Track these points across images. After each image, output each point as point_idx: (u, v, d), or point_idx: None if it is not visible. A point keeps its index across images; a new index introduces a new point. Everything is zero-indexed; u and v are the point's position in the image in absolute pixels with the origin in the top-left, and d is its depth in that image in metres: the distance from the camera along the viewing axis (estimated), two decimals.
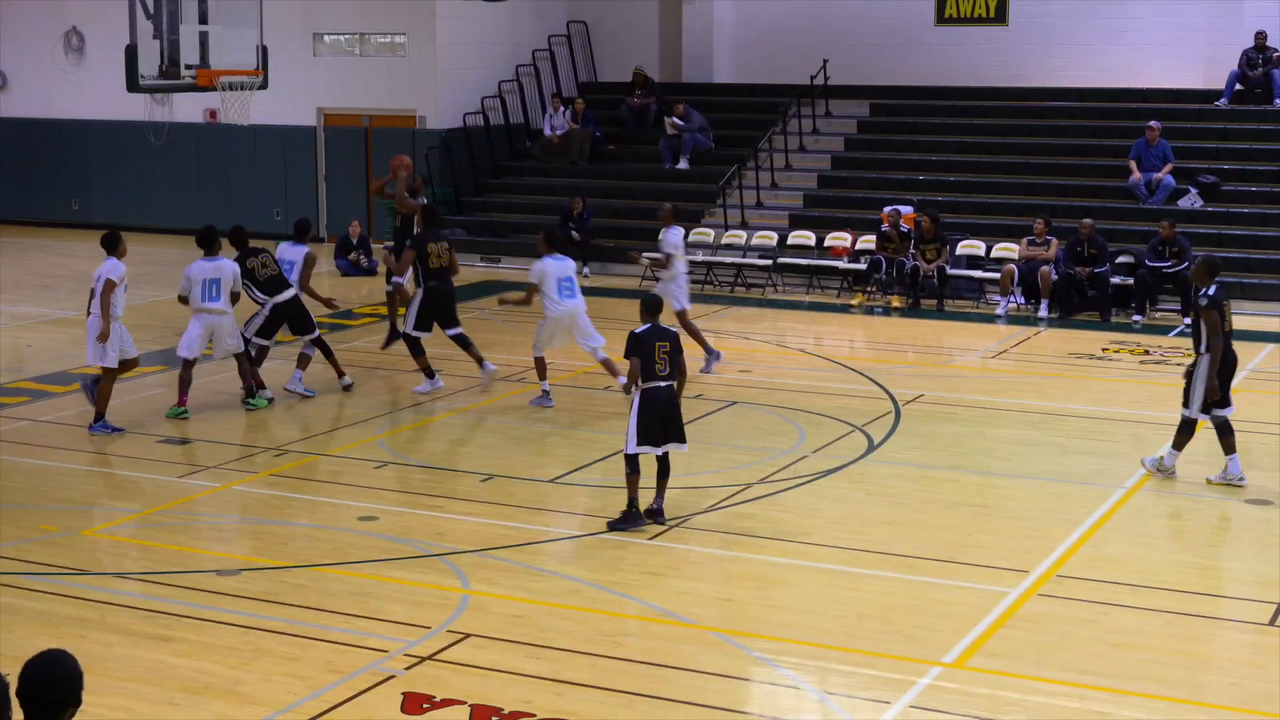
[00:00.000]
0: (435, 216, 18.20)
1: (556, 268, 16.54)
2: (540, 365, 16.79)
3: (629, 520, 12.49)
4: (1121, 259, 23.30)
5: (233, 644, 10.07)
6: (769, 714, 9.36)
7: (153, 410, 16.59)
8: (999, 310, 23.08)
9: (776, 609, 10.98)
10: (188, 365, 16.47)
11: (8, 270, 27.20)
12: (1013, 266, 23.32)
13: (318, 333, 17.36)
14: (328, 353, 17.48)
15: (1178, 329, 21.68)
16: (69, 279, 25.76)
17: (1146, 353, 20.08)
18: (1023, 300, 23.27)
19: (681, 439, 12.63)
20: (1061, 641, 10.24)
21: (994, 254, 24.20)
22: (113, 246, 15.84)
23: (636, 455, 12.47)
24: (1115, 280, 22.93)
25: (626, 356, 12.56)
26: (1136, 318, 22.38)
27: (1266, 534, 12.72)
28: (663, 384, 12.46)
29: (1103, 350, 20.23)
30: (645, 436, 12.45)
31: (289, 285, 17.15)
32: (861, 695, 9.42)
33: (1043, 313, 22.72)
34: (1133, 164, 25.42)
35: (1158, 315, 22.65)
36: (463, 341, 17.47)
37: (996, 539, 12.43)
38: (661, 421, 12.48)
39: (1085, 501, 13.41)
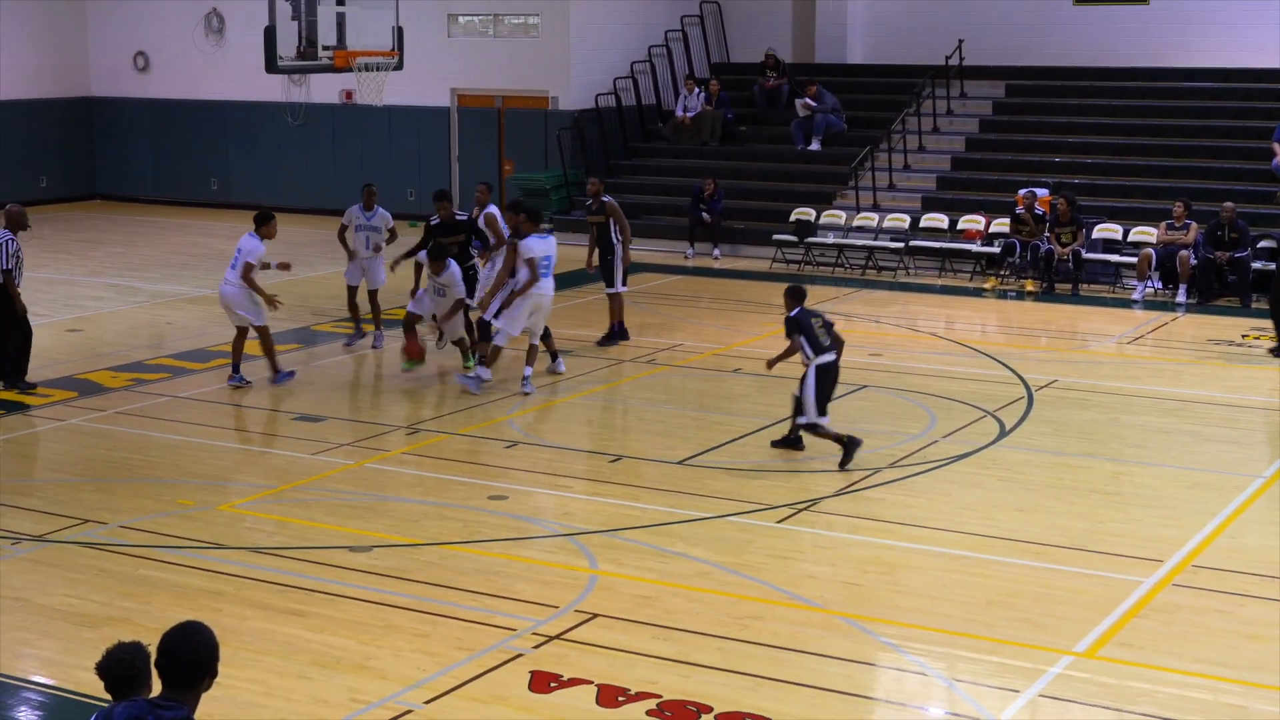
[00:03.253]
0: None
1: (540, 247, 16.41)
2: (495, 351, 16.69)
3: (849, 451, 13.49)
4: (1263, 244, 22.82)
5: (364, 620, 10.22)
6: (895, 700, 9.31)
7: (284, 389, 16.82)
8: (1135, 295, 22.71)
9: (904, 594, 10.92)
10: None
11: (149, 248, 27.78)
12: (1150, 251, 22.92)
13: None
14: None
15: None
16: (208, 257, 26.22)
17: None
18: (1160, 285, 22.88)
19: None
20: (1195, 632, 10.08)
21: (1131, 238, 23.80)
22: (262, 224, 16.38)
23: (818, 424, 13.56)
24: (1256, 265, 22.45)
25: (789, 336, 13.64)
26: None
27: None
28: (829, 355, 13.57)
29: (1242, 337, 19.83)
30: (822, 407, 13.60)
31: None
32: (989, 683, 9.35)
33: (1181, 298, 22.32)
34: (1276, 146, 24.86)
35: None
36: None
37: (1130, 528, 12.25)
38: (830, 390, 13.68)
39: (1222, 491, 13.18)
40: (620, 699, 8.99)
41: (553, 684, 9.19)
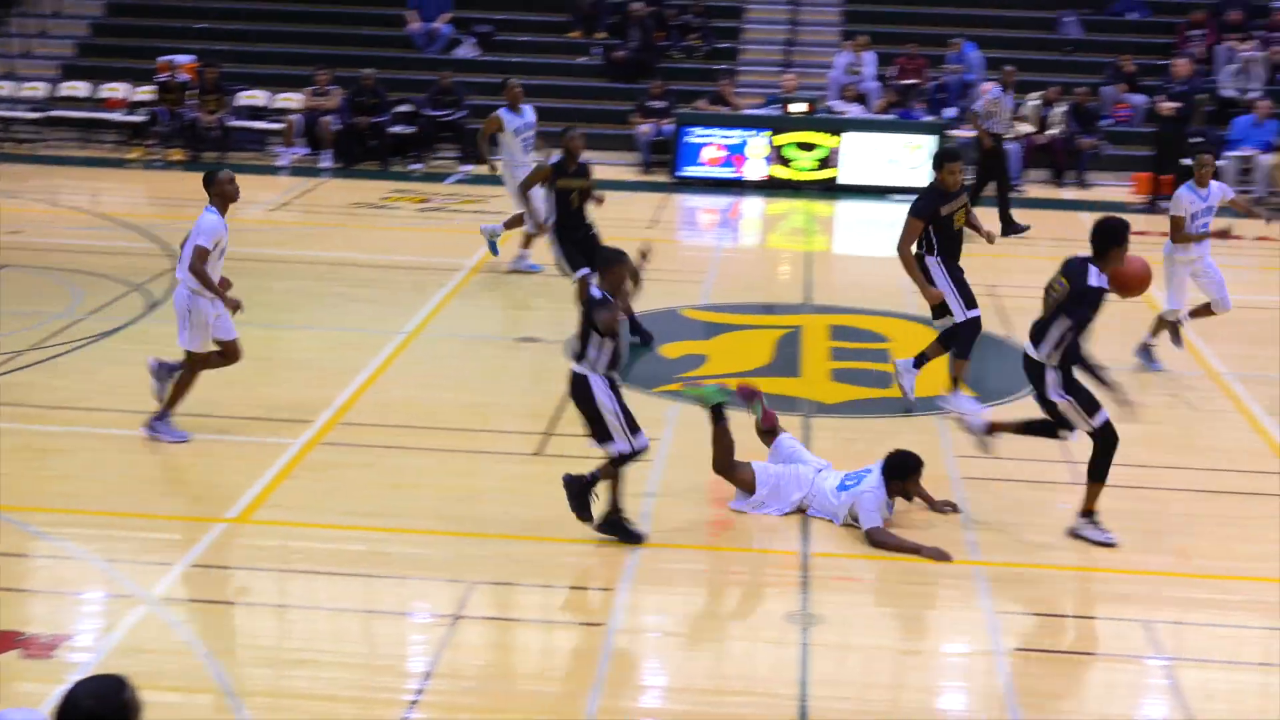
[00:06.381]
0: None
1: None
2: None
3: None
4: (401, 108, 23.67)
5: None
6: (51, 589, 9.05)
7: None
8: (282, 161, 23.00)
9: (54, 479, 10.58)
10: None
11: None
12: (295, 117, 23.24)
13: None
14: None
15: (454, 176, 22.38)
16: None
17: (426, 200, 20.61)
18: (306, 151, 23.27)
19: None
20: (343, 488, 10.45)
21: (276, 104, 24.02)
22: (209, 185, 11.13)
23: None
24: (396, 129, 23.31)
25: None
26: (415, 165, 22.91)
27: (540, 369, 13.44)
28: None
29: (383, 199, 20.58)
30: None
31: None
32: (145, 560, 9.29)
33: (326, 163, 22.84)
34: (412, 14, 25.76)
35: (436, 163, 23.26)
36: None
37: (281, 391, 12.46)
38: None
39: (368, 349, 13.65)
40: None
41: None
